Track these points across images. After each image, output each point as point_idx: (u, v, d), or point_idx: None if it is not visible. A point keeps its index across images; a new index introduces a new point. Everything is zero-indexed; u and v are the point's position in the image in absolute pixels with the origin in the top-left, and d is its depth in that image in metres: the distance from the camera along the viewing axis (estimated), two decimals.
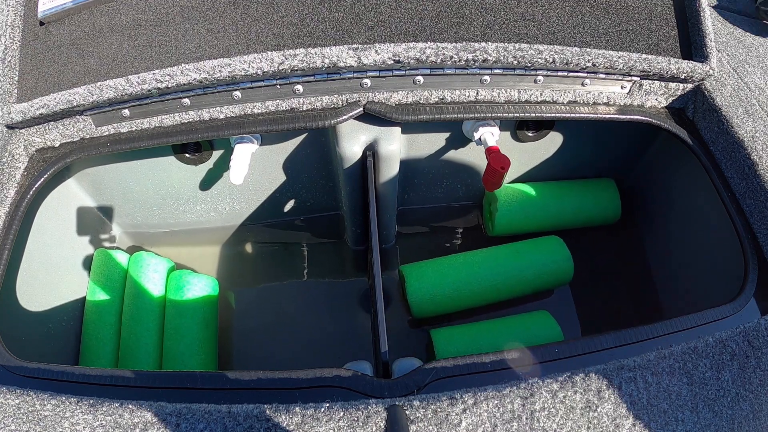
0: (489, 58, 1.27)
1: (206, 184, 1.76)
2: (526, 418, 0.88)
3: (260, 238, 2.03)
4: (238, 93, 1.32)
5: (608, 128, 1.72)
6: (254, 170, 1.69)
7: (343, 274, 1.97)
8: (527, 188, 1.88)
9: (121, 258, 1.75)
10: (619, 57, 1.33)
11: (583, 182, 1.93)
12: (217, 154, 1.65)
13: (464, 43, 1.27)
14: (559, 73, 1.37)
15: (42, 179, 1.32)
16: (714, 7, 1.83)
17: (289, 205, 1.92)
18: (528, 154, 1.81)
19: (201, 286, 1.70)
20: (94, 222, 1.77)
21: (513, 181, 1.91)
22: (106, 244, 1.83)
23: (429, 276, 1.71)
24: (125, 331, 1.65)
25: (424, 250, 2.00)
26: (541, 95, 1.41)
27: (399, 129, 1.44)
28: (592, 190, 1.91)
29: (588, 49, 1.32)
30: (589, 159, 1.87)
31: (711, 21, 1.41)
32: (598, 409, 0.90)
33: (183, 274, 1.70)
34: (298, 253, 2.02)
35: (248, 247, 2.03)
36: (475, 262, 1.74)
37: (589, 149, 1.82)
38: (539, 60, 1.29)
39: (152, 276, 1.71)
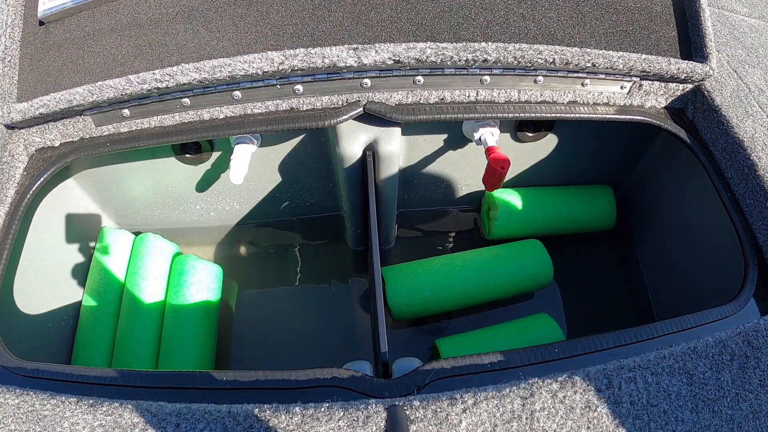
0: (489, 58, 1.27)
1: (206, 184, 1.76)
2: (526, 418, 0.88)
3: (260, 238, 2.03)
4: (238, 93, 1.32)
5: (608, 129, 1.72)
6: (254, 170, 1.69)
7: (343, 275, 1.96)
8: (526, 194, 1.89)
9: (127, 238, 1.74)
10: (619, 57, 1.33)
11: (581, 188, 1.94)
12: (216, 155, 1.65)
13: (464, 43, 1.27)
14: (559, 74, 1.37)
15: (42, 179, 1.32)
16: (714, 7, 1.83)
17: (289, 206, 1.92)
18: (528, 155, 1.81)
19: (206, 272, 1.70)
20: (93, 222, 1.77)
21: (512, 182, 1.92)
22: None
23: (408, 278, 1.71)
24: (124, 311, 1.64)
25: (423, 251, 2.00)
26: (541, 95, 1.41)
27: (399, 129, 1.44)
28: (590, 197, 1.91)
29: (588, 50, 1.32)
30: (588, 160, 1.87)
31: (711, 21, 1.41)
32: (598, 409, 0.90)
33: (189, 259, 1.70)
34: (297, 253, 2.02)
35: (248, 247, 2.03)
36: (455, 265, 1.75)
37: (588, 150, 1.82)
38: (539, 60, 1.29)
39: (157, 258, 1.70)
